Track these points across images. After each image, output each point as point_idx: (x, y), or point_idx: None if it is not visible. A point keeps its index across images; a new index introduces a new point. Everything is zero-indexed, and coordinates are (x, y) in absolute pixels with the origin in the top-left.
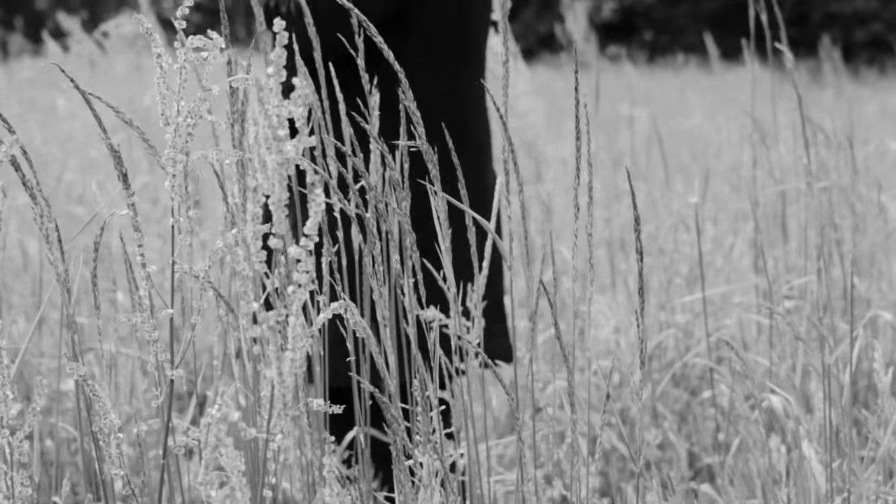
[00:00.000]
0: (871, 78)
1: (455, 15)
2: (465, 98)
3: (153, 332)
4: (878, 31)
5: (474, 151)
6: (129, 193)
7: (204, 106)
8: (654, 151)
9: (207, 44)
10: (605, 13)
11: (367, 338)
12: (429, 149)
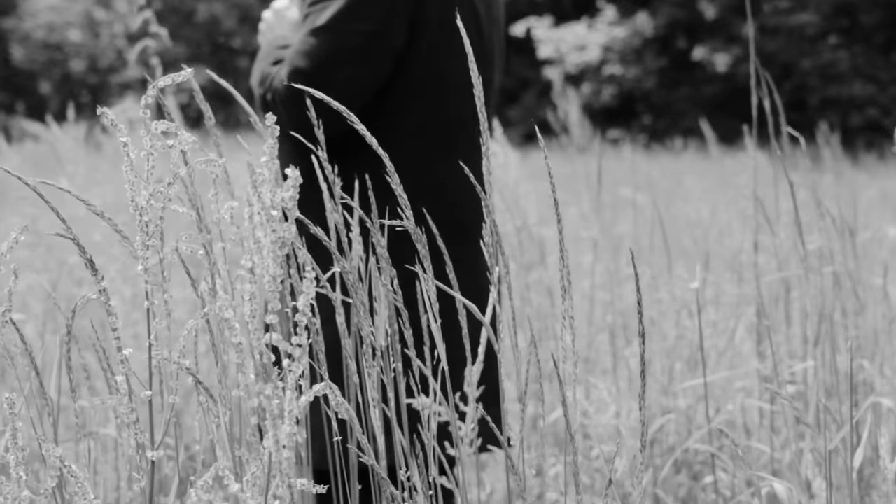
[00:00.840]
0: (870, 162)
1: (444, 105)
2: (456, 182)
3: (131, 413)
4: (874, 116)
5: (467, 235)
6: (99, 279)
7: (171, 191)
8: (656, 235)
9: (171, 128)
10: (604, 98)
11: (350, 420)
12: (416, 229)
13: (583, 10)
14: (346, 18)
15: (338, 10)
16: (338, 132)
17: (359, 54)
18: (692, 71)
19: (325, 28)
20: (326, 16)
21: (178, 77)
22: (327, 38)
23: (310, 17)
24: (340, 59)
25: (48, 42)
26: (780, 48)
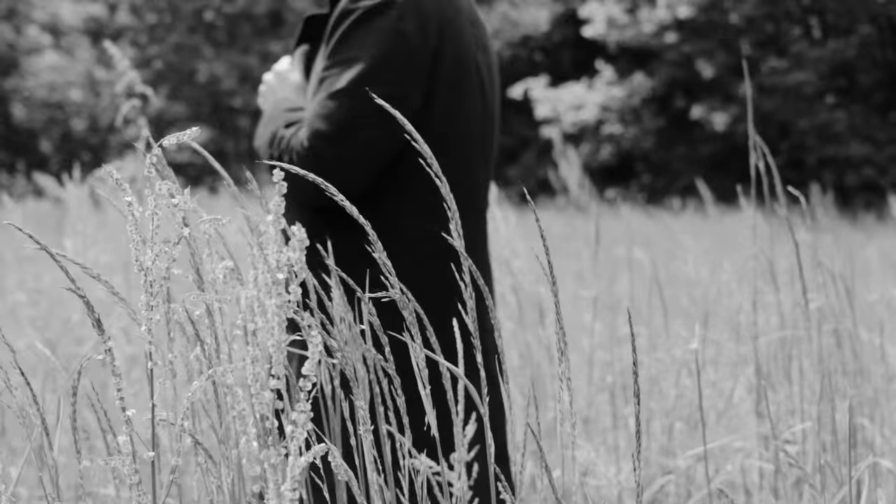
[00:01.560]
0: (869, 222)
1: (455, 167)
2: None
3: (134, 475)
4: (871, 176)
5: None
6: (105, 339)
7: (175, 251)
8: (654, 295)
9: (174, 188)
10: (602, 157)
11: (349, 481)
12: (402, 297)
13: (582, 71)
14: (367, 82)
15: (358, 73)
16: (354, 195)
17: (378, 118)
18: (690, 130)
19: (346, 91)
20: (346, 79)
21: (182, 136)
22: (348, 102)
23: (327, 81)
24: (361, 123)
25: (49, 101)
26: (778, 107)
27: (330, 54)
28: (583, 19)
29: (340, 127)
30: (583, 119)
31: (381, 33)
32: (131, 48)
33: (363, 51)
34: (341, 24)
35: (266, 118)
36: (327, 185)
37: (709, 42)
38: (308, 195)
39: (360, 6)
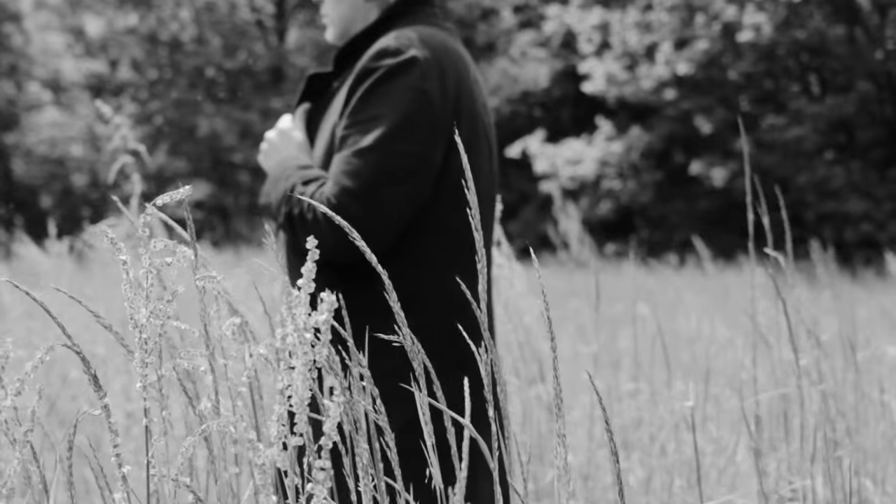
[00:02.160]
0: (868, 278)
1: (466, 223)
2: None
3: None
4: (869, 232)
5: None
6: (101, 395)
7: (170, 308)
8: (655, 351)
9: (170, 245)
10: (601, 212)
11: None
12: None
13: (581, 127)
14: (393, 140)
15: (384, 132)
16: (377, 252)
17: (405, 175)
18: (689, 185)
19: (372, 149)
20: (372, 137)
21: (175, 194)
22: (374, 160)
23: (351, 138)
24: (387, 180)
25: (50, 157)
26: (777, 163)
27: (352, 112)
28: (582, 75)
29: (367, 184)
30: (581, 174)
31: (405, 92)
32: (132, 104)
33: (388, 109)
34: (364, 82)
35: (275, 176)
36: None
37: (707, 98)
38: (328, 250)
39: (383, 64)
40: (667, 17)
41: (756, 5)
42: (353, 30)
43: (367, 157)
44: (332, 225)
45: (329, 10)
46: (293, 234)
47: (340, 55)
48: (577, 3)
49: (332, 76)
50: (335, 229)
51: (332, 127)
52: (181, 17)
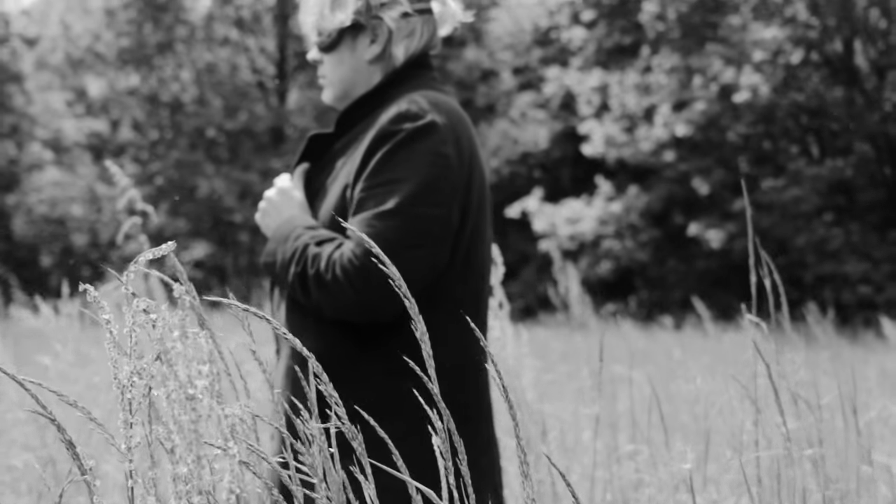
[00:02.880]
0: (869, 340)
1: (474, 285)
2: (475, 362)
3: None
4: (868, 294)
5: (487, 413)
6: (78, 463)
7: (154, 368)
8: (654, 412)
9: (152, 306)
10: (601, 272)
11: None
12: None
13: (581, 188)
14: (415, 204)
15: (407, 195)
16: (396, 315)
17: (428, 238)
18: (687, 246)
19: (395, 212)
20: (395, 200)
21: (158, 251)
22: (398, 222)
23: (371, 200)
24: (411, 242)
25: (50, 217)
26: (775, 224)
27: (372, 174)
28: (582, 136)
29: (391, 247)
30: (580, 233)
31: (426, 156)
32: (133, 164)
33: (409, 173)
34: (383, 145)
35: (280, 235)
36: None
37: (706, 160)
38: (347, 310)
39: (403, 128)
40: (665, 79)
41: (754, 67)
42: (355, 92)
43: (390, 219)
44: (354, 285)
45: (328, 72)
46: (305, 293)
47: (344, 117)
48: (577, 66)
49: (333, 137)
50: (357, 290)
51: (341, 188)
52: (182, 79)
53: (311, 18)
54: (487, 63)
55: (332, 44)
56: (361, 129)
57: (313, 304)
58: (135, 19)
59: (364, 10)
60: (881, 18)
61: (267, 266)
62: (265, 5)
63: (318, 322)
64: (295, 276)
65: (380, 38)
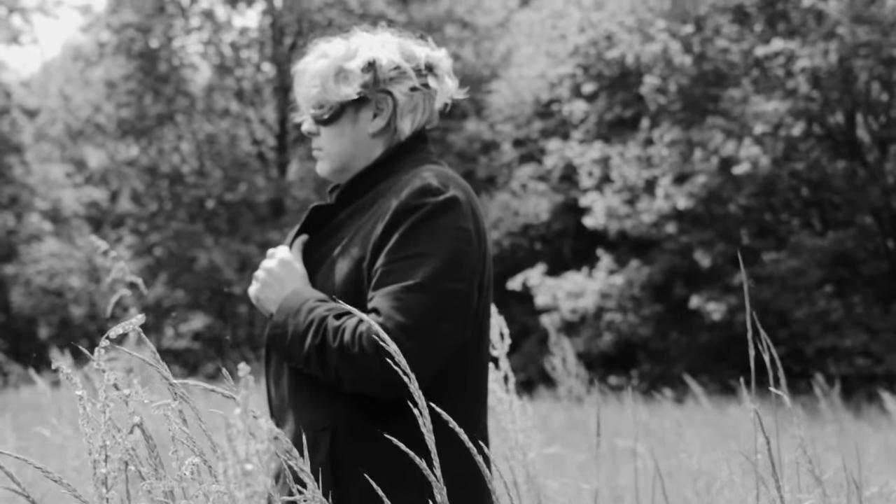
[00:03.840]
0: (873, 415)
1: (483, 360)
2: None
3: None
4: (868, 366)
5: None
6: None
7: (127, 442)
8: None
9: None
10: (602, 345)
11: None
12: None
13: (582, 260)
14: (442, 278)
15: (433, 269)
16: (421, 388)
17: (452, 311)
18: (689, 319)
19: (422, 286)
20: (422, 274)
21: (128, 325)
22: (426, 296)
23: (394, 274)
24: (438, 317)
25: (48, 288)
26: (776, 297)
27: (395, 248)
28: (583, 208)
29: (420, 320)
30: (582, 306)
31: (450, 230)
32: (132, 235)
33: (435, 247)
34: (406, 219)
35: (290, 307)
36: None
37: (707, 232)
38: (375, 386)
39: (427, 202)
40: (666, 151)
41: (754, 139)
42: (354, 165)
43: (417, 293)
44: (381, 359)
45: (326, 144)
46: (323, 366)
47: (348, 189)
48: (578, 138)
49: (333, 209)
50: (384, 364)
51: (355, 261)
52: (182, 149)
53: (311, 91)
54: (488, 135)
55: (333, 116)
56: (366, 201)
57: (332, 378)
58: (135, 91)
59: (371, 83)
60: (882, 92)
61: (274, 339)
62: (266, 77)
63: (330, 394)
64: (312, 349)
65: (384, 112)
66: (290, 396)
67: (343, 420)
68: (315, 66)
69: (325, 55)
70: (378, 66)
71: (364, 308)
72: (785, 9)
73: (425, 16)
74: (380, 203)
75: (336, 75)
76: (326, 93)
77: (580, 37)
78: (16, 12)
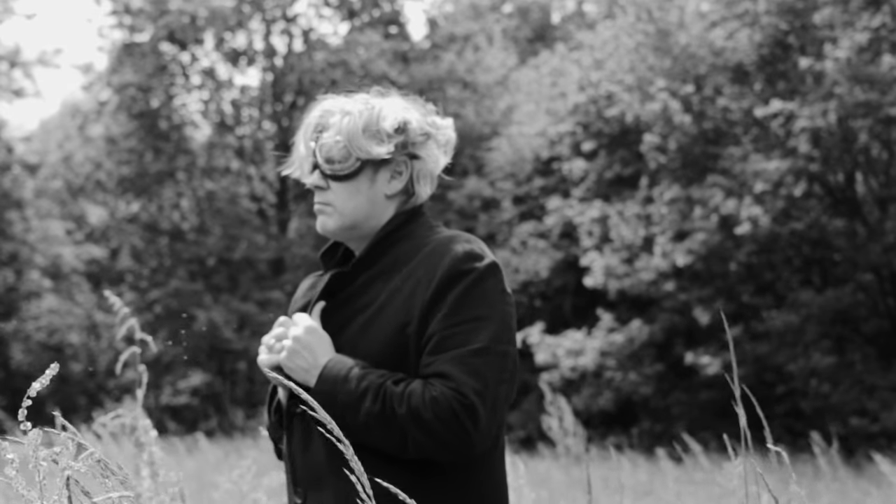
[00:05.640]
0: (874, 472)
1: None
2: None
3: None
4: (865, 425)
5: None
6: None
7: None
8: None
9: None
10: (602, 403)
11: None
12: None
13: (582, 319)
14: (499, 341)
15: (492, 333)
16: (487, 449)
17: (509, 374)
18: (690, 376)
19: (486, 350)
20: (483, 338)
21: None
22: (490, 360)
23: (455, 338)
24: (501, 378)
25: (48, 344)
26: (775, 353)
27: (451, 313)
28: (583, 267)
29: (487, 384)
30: (582, 364)
31: (498, 294)
32: (131, 292)
33: (489, 311)
34: (456, 284)
35: (334, 376)
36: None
37: (707, 289)
38: (448, 450)
39: (474, 267)
40: (666, 209)
41: (754, 198)
42: (365, 225)
43: (483, 357)
44: (463, 424)
45: (338, 201)
46: (387, 431)
47: (369, 254)
48: (578, 196)
49: (350, 275)
50: (466, 429)
51: (396, 326)
52: (182, 207)
53: (332, 145)
54: (489, 192)
55: (353, 173)
56: (385, 266)
57: (394, 443)
58: (136, 149)
59: (401, 146)
60: (882, 151)
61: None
62: (266, 134)
63: (373, 460)
64: (371, 416)
65: (403, 175)
66: (327, 464)
67: (413, 493)
68: (338, 120)
69: (347, 112)
70: (409, 128)
71: (408, 372)
72: (784, 69)
73: (426, 76)
74: (412, 268)
75: (364, 131)
76: (351, 149)
77: (580, 95)
78: (17, 66)
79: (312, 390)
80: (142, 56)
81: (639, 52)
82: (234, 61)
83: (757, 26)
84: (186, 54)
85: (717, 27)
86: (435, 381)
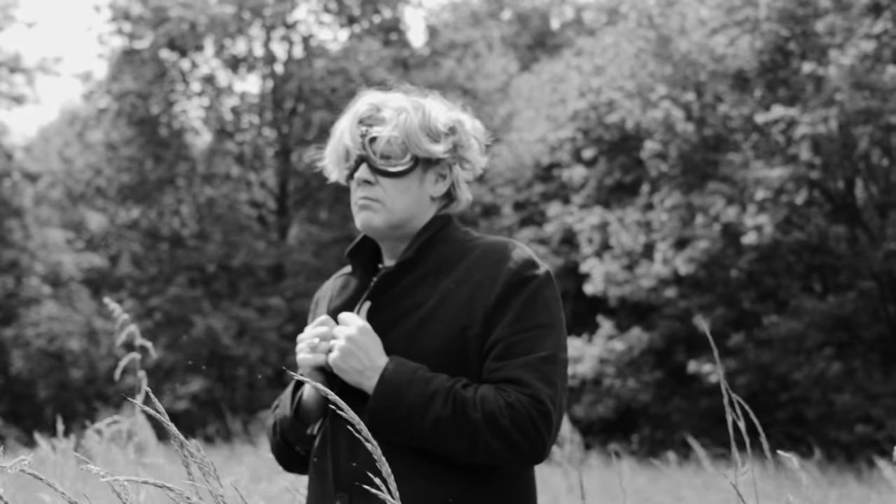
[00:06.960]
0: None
1: None
2: None
3: None
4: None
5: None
6: None
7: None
8: None
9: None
10: (602, 410)
11: None
12: None
13: (582, 326)
14: (561, 348)
15: (556, 340)
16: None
17: (566, 380)
18: (690, 384)
19: (553, 357)
20: (550, 345)
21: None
22: (557, 367)
23: (522, 345)
24: (564, 385)
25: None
26: (777, 360)
27: (518, 319)
28: (583, 273)
29: (556, 390)
30: (581, 372)
31: (556, 301)
32: (131, 299)
33: (552, 318)
34: (520, 290)
35: (398, 380)
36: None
37: (708, 297)
38: (514, 455)
39: (535, 274)
40: (666, 216)
41: (757, 206)
42: (411, 224)
43: (552, 364)
44: (541, 430)
45: (388, 197)
46: (457, 436)
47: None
48: (578, 202)
49: (399, 277)
50: (542, 435)
51: (455, 329)
52: (182, 213)
53: (381, 137)
54: (489, 198)
55: (406, 171)
56: (431, 268)
57: (464, 448)
58: (135, 156)
59: (452, 147)
60: (882, 158)
61: (380, 412)
62: (266, 140)
63: (431, 465)
64: (441, 421)
65: (447, 178)
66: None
67: (441, 488)
68: (394, 115)
69: (402, 108)
70: (462, 130)
71: (468, 376)
72: (785, 75)
73: (426, 82)
74: (466, 271)
75: (421, 129)
76: (409, 145)
77: (580, 101)
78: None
79: (374, 393)
80: (142, 63)
81: (639, 59)
82: (234, 68)
83: (757, 33)
84: (186, 61)
85: (717, 34)
86: (507, 386)
